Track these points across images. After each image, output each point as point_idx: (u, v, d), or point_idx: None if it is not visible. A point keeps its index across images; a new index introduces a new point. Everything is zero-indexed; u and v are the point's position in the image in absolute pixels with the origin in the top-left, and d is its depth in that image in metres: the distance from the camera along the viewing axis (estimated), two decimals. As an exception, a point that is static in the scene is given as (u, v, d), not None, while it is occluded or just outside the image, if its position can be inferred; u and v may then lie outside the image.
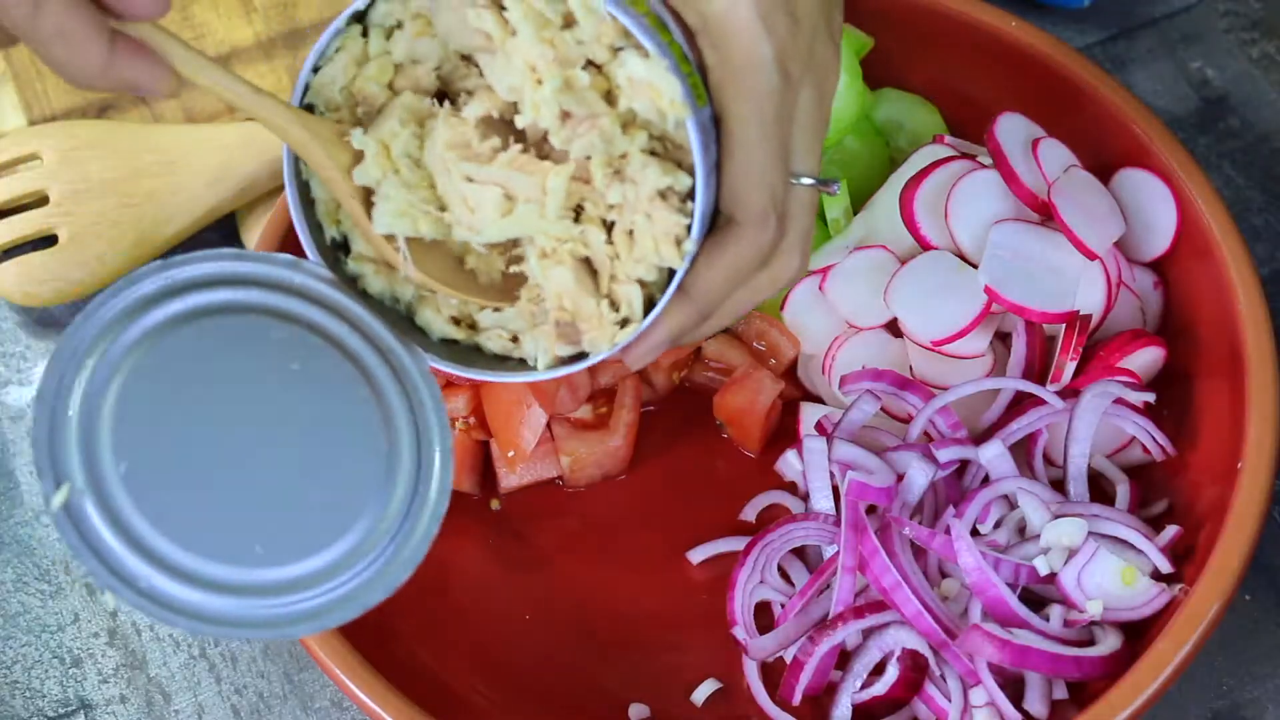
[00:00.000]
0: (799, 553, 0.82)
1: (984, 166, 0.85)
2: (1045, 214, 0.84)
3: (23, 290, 0.94)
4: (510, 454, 0.85)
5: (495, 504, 0.87)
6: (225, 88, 0.59)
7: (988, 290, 0.81)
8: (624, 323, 0.63)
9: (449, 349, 0.66)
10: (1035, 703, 0.74)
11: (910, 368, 0.84)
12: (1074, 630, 0.75)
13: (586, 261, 0.63)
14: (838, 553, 0.77)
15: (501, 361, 0.66)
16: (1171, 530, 0.76)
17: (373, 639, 0.77)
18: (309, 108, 0.63)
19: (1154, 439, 0.80)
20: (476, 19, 0.60)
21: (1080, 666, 0.72)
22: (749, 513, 0.85)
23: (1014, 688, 0.74)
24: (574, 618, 0.83)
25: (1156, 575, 0.75)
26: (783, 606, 0.80)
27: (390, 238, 0.62)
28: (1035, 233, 0.83)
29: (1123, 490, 0.80)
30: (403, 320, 0.66)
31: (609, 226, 0.62)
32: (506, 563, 0.85)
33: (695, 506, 0.86)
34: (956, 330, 0.82)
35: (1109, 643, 0.73)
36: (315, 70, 0.63)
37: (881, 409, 0.83)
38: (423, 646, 0.80)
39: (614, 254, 0.63)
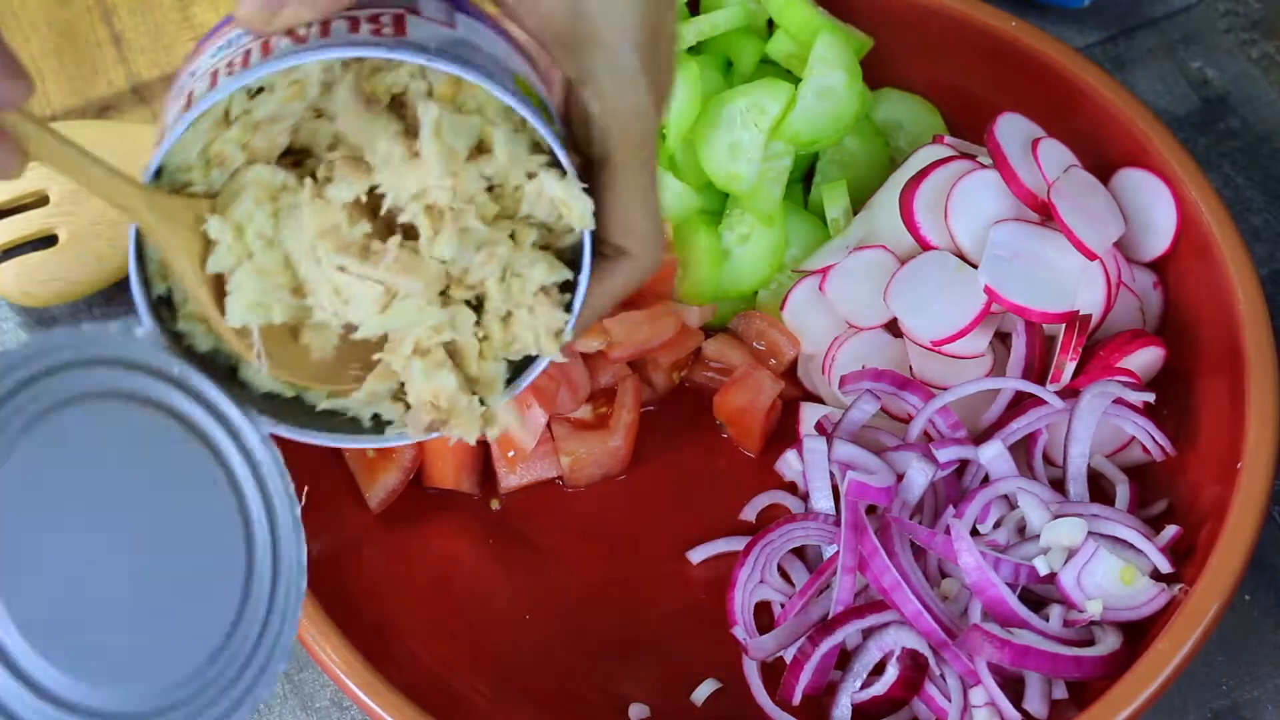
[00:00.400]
0: (799, 553, 0.82)
1: (984, 166, 0.85)
2: (1045, 214, 0.84)
3: (23, 290, 0.95)
4: (510, 454, 0.85)
5: (495, 504, 0.87)
6: (80, 170, 0.58)
7: (988, 290, 0.81)
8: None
9: (273, 403, 0.63)
10: (1035, 702, 0.74)
11: (910, 368, 0.84)
12: (1074, 630, 0.75)
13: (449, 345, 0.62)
14: (838, 553, 0.77)
15: (331, 417, 0.64)
16: (1171, 530, 0.76)
17: (372, 638, 0.78)
18: (159, 172, 0.59)
19: (1154, 439, 0.80)
20: (376, 137, 0.58)
21: (1080, 666, 0.72)
22: (749, 513, 0.85)
23: (1014, 688, 0.74)
24: (574, 618, 0.83)
25: (1156, 575, 0.75)
26: (783, 606, 0.80)
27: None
28: (1035, 233, 0.83)
29: (1122, 490, 0.80)
30: (226, 375, 0.63)
31: (476, 306, 0.62)
32: (506, 563, 0.85)
33: (695, 506, 0.86)
34: (956, 330, 0.82)
35: (1109, 643, 0.73)
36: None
37: (881, 409, 0.83)
38: (423, 646, 0.80)
39: (483, 336, 0.62)
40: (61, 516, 0.55)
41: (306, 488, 0.65)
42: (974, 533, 0.78)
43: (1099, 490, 0.81)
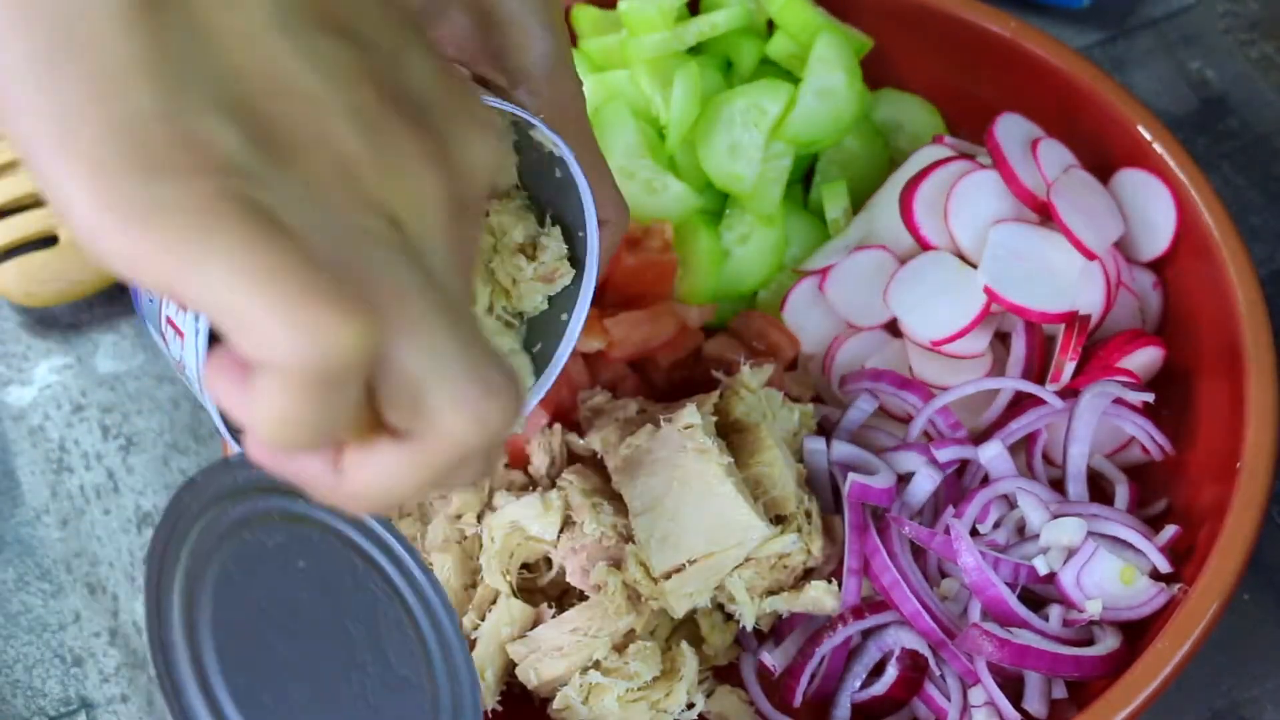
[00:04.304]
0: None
1: (984, 166, 0.85)
2: (1045, 214, 0.84)
3: (24, 290, 0.95)
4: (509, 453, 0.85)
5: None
6: None
7: (987, 290, 0.81)
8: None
9: None
10: (1034, 702, 0.74)
11: (910, 368, 0.84)
12: (1073, 630, 0.75)
13: None
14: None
15: None
16: (1171, 530, 0.76)
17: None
18: None
19: (1153, 439, 0.80)
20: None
21: (1079, 666, 0.72)
22: (749, 512, 0.85)
23: (1013, 687, 0.74)
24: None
25: (1156, 575, 0.75)
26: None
27: None
28: (1035, 233, 0.83)
29: (1122, 490, 0.80)
30: None
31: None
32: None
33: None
34: (956, 330, 0.82)
35: (1108, 642, 0.73)
36: None
37: (881, 409, 0.83)
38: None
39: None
40: (268, 627, 0.56)
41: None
42: (974, 533, 0.78)
43: (1099, 490, 0.81)
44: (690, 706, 0.74)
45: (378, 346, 0.38)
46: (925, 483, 0.78)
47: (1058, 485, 0.80)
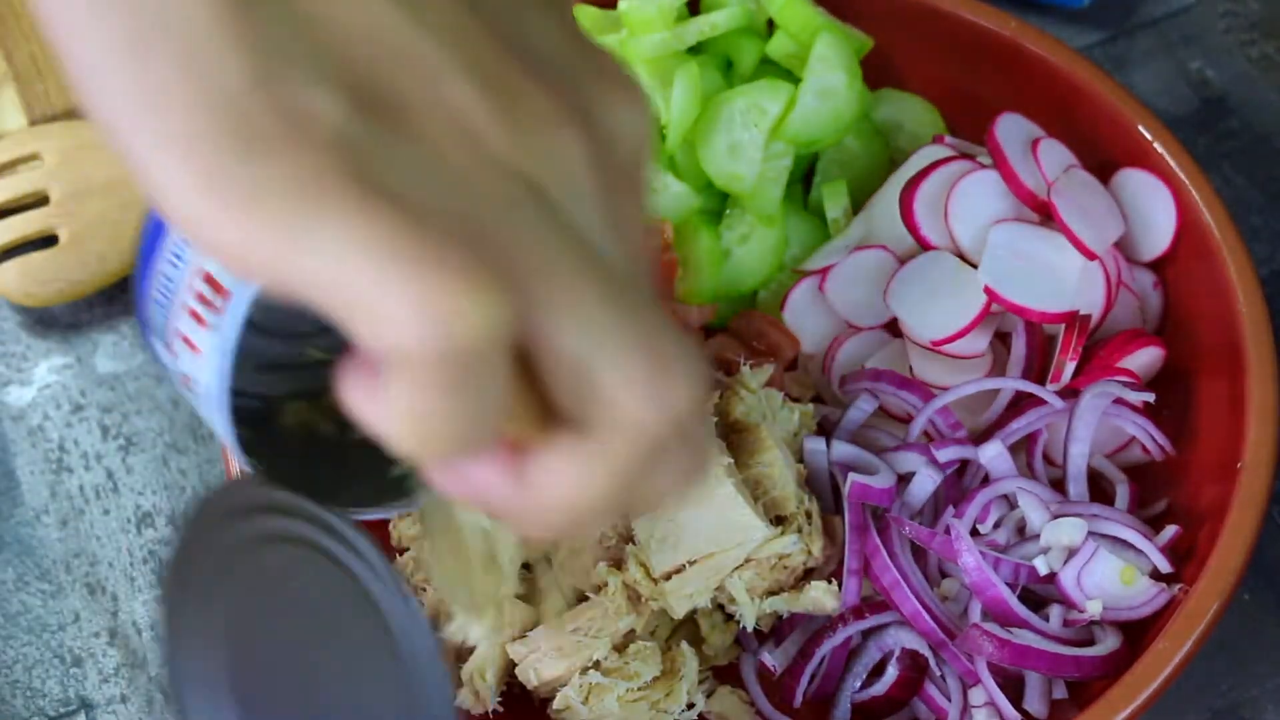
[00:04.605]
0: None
1: (984, 166, 0.85)
2: (1045, 214, 0.84)
3: (24, 290, 0.95)
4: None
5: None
6: None
7: (988, 290, 0.81)
8: None
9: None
10: (1035, 702, 0.74)
11: (910, 368, 0.84)
12: (1074, 630, 0.75)
13: None
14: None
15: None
16: (1171, 530, 0.76)
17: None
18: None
19: (1154, 439, 0.80)
20: None
21: (1080, 666, 0.72)
22: (749, 512, 0.85)
23: (1014, 688, 0.74)
24: (574, 617, 0.83)
25: (1156, 575, 0.75)
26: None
27: None
28: (1035, 233, 0.83)
29: (1122, 490, 0.80)
30: None
31: None
32: (506, 562, 0.85)
33: (695, 506, 0.86)
34: (956, 330, 0.82)
35: (1108, 642, 0.73)
36: None
37: (881, 409, 0.83)
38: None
39: None
40: (275, 640, 0.56)
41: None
42: (974, 533, 0.78)
43: (1099, 490, 0.81)
44: (690, 706, 0.74)
45: (518, 320, 0.34)
46: (925, 483, 0.78)
47: (1058, 485, 0.80)
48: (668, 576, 0.73)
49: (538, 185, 0.36)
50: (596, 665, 0.73)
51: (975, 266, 0.83)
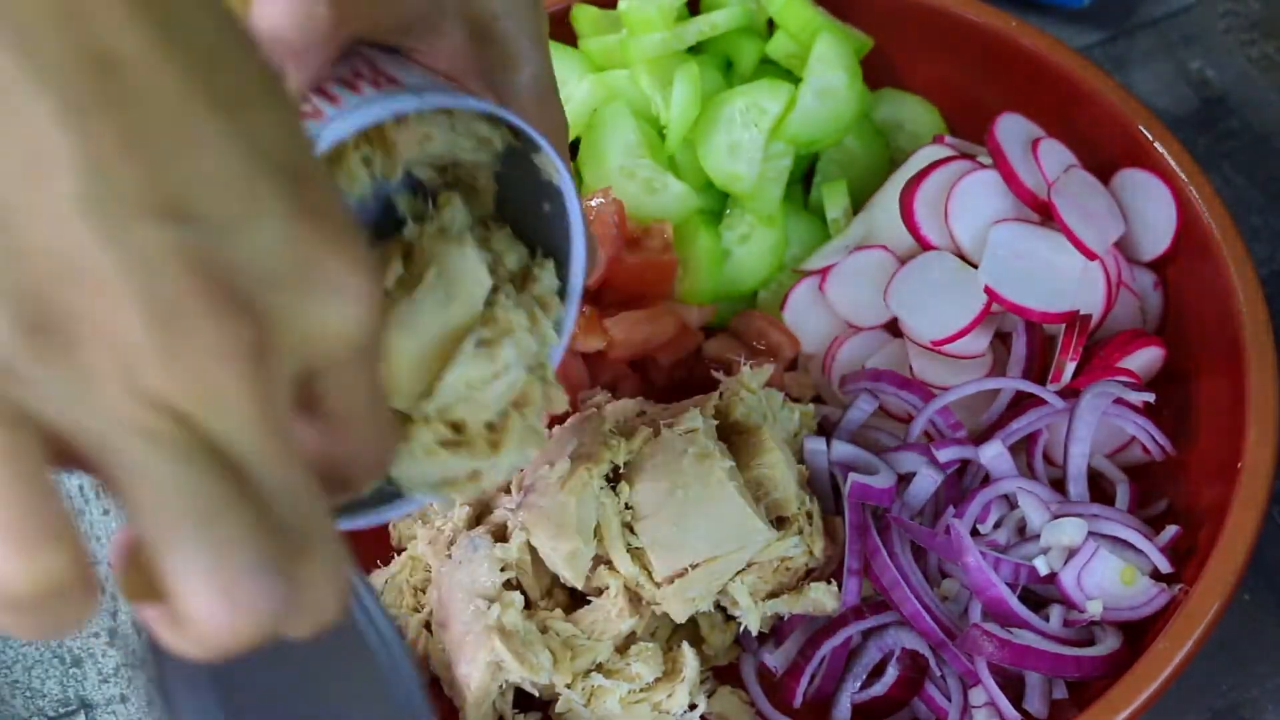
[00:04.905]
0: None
1: (984, 166, 0.85)
2: (1045, 214, 0.84)
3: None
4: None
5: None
6: None
7: (988, 290, 0.81)
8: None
9: None
10: (1035, 702, 0.74)
11: (910, 368, 0.84)
12: (1074, 630, 0.75)
13: None
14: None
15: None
16: (1171, 530, 0.76)
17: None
18: None
19: (1154, 439, 0.79)
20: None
21: (1080, 666, 0.72)
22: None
23: (1014, 688, 0.74)
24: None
25: (1156, 575, 0.75)
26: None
27: None
28: (1035, 233, 0.83)
29: (1123, 490, 0.80)
30: None
31: None
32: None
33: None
34: (956, 330, 0.82)
35: (1109, 643, 0.73)
36: None
37: (881, 409, 0.83)
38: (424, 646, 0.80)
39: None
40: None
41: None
42: (974, 533, 0.78)
43: (1099, 490, 0.81)
44: (693, 707, 0.74)
45: (69, 576, 0.38)
46: (926, 483, 0.78)
47: (1058, 485, 0.80)
48: (670, 580, 0.73)
49: (187, 416, 0.38)
50: (599, 667, 0.73)
51: (975, 266, 0.83)
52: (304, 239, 0.39)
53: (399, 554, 0.80)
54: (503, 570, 0.74)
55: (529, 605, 0.75)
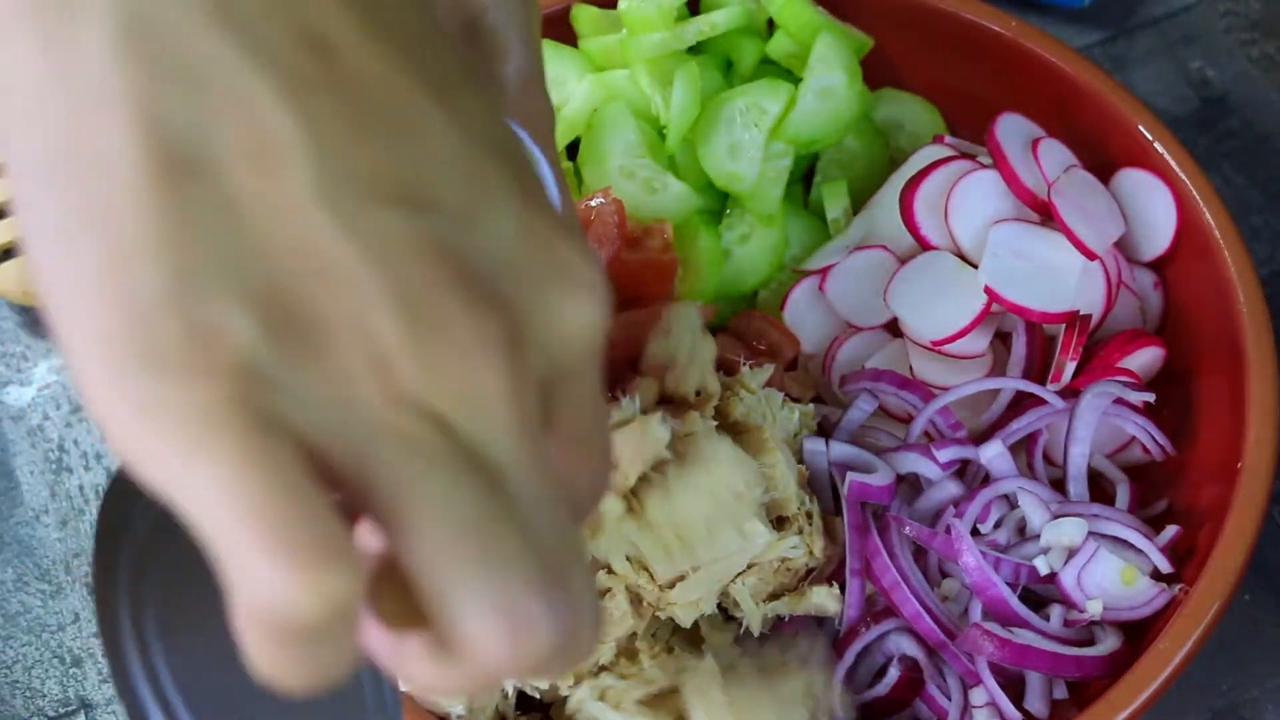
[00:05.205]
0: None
1: (984, 166, 0.85)
2: (1045, 214, 0.84)
3: (24, 290, 0.95)
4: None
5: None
6: None
7: (988, 290, 0.81)
8: None
9: None
10: (1035, 702, 0.74)
11: (910, 368, 0.84)
12: (1074, 630, 0.75)
13: None
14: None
15: None
16: (1171, 530, 0.76)
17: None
18: None
19: (1154, 439, 0.80)
20: None
21: (1080, 666, 0.72)
22: (749, 513, 0.85)
23: (1014, 688, 0.74)
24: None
25: (1156, 575, 0.75)
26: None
27: None
28: (1035, 233, 0.83)
29: (1123, 490, 0.80)
30: None
31: None
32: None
33: (695, 506, 0.86)
34: (956, 330, 0.82)
35: (1109, 643, 0.73)
36: None
37: (881, 409, 0.83)
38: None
39: None
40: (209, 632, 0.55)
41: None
42: (974, 532, 0.78)
43: (1099, 490, 0.81)
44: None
45: (353, 600, 0.34)
46: (941, 493, 0.78)
47: (1058, 485, 0.80)
48: (672, 584, 0.73)
49: (445, 420, 0.35)
50: (604, 669, 0.73)
51: (975, 266, 0.83)
52: (538, 228, 0.37)
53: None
54: None
55: None
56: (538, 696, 0.74)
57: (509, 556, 0.35)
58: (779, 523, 0.75)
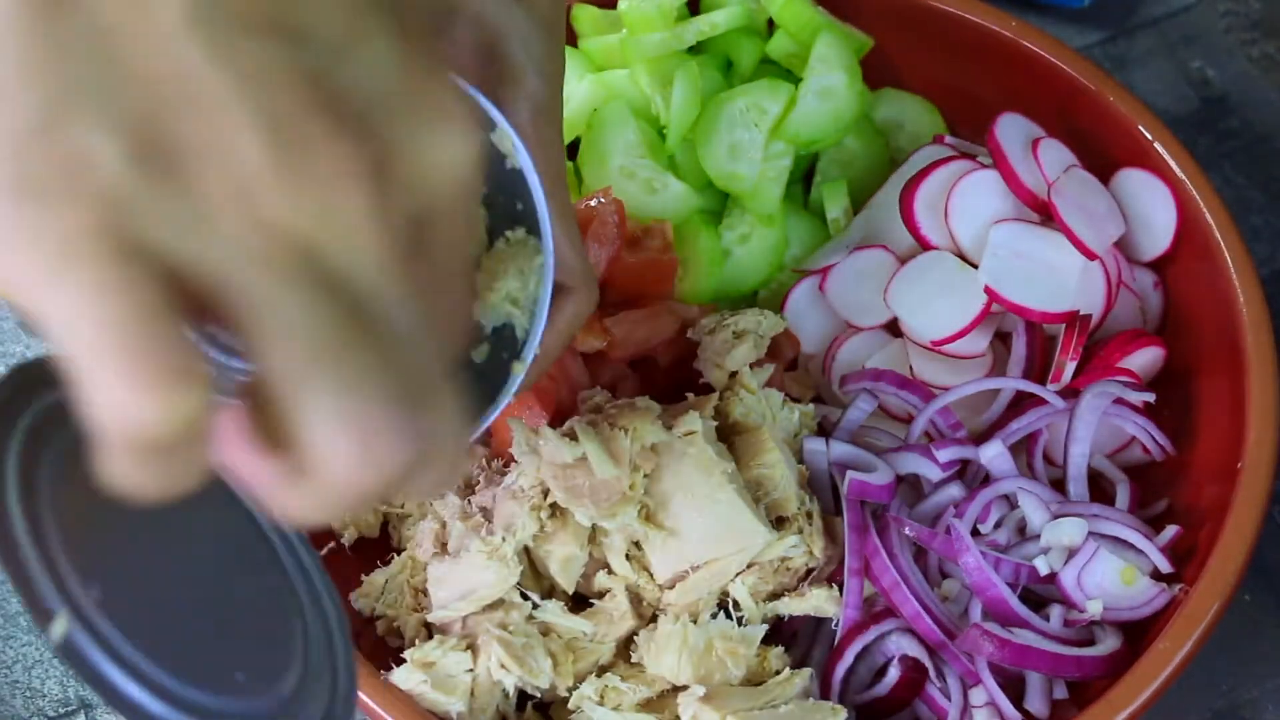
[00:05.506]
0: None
1: (984, 166, 0.85)
2: (1045, 214, 0.84)
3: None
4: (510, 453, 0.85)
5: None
6: None
7: (988, 290, 0.81)
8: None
9: None
10: (1036, 702, 0.74)
11: (910, 368, 0.84)
12: (1074, 630, 0.75)
13: None
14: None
15: None
16: (1171, 530, 0.76)
17: (373, 638, 0.78)
18: None
19: (1154, 439, 0.80)
20: None
21: (1080, 666, 0.72)
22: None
23: (1014, 688, 0.74)
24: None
25: (1156, 575, 0.75)
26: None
27: None
28: (1035, 233, 0.83)
29: (1123, 490, 0.80)
30: None
31: None
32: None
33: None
34: (956, 330, 0.82)
35: (1109, 643, 0.73)
36: None
37: (881, 409, 0.83)
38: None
39: None
40: (151, 545, 0.54)
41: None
42: (974, 533, 0.78)
43: (1099, 490, 0.81)
44: None
45: (199, 418, 0.36)
46: (943, 498, 0.78)
47: (1058, 485, 0.80)
48: (672, 584, 0.73)
49: (311, 246, 0.36)
50: (606, 669, 0.73)
51: (975, 266, 0.83)
52: (412, 65, 0.38)
53: (399, 554, 0.80)
54: (503, 572, 0.74)
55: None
56: (538, 695, 0.74)
57: (362, 373, 0.36)
58: (779, 523, 0.75)
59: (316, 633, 0.52)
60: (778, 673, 0.73)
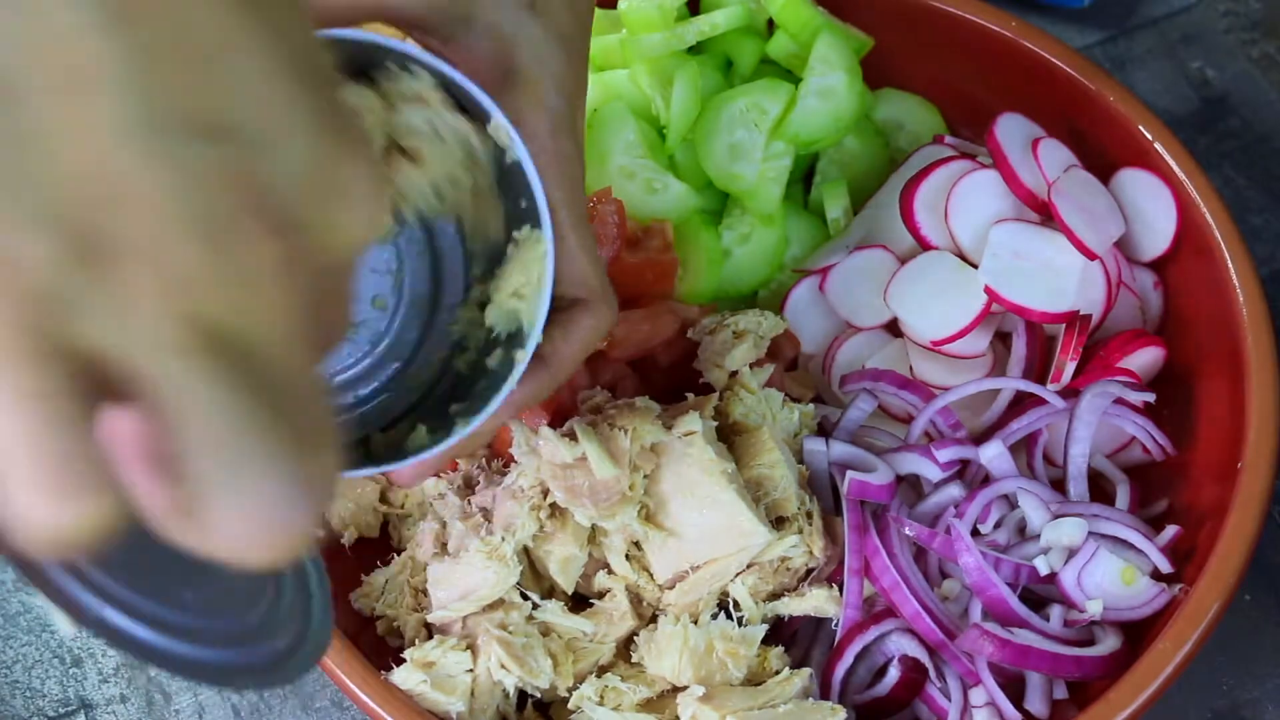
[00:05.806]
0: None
1: (984, 166, 0.85)
2: (1045, 214, 0.84)
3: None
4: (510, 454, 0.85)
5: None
6: None
7: (988, 290, 0.81)
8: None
9: None
10: (1036, 702, 0.74)
11: (910, 368, 0.84)
12: (1074, 630, 0.75)
13: None
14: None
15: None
16: (1171, 530, 0.76)
17: (373, 638, 0.78)
18: None
19: (1154, 439, 0.80)
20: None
21: (1080, 666, 0.72)
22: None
23: (1014, 688, 0.74)
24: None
25: (1156, 575, 0.75)
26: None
27: None
28: (1035, 233, 0.83)
29: (1123, 490, 0.80)
30: None
31: None
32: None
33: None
34: (956, 330, 0.82)
35: (1109, 643, 0.73)
36: None
37: (881, 409, 0.83)
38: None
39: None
40: None
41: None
42: (974, 533, 0.78)
43: (1099, 490, 0.81)
44: None
45: (107, 520, 0.38)
46: (943, 498, 0.78)
47: (1058, 485, 0.80)
48: (672, 584, 0.73)
49: (227, 333, 0.38)
50: (606, 669, 0.73)
51: (975, 266, 0.83)
52: (329, 153, 0.40)
53: (399, 554, 0.80)
54: (503, 572, 0.74)
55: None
56: (537, 695, 0.74)
57: (266, 460, 0.38)
58: (779, 523, 0.75)
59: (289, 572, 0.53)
60: (777, 673, 0.73)
